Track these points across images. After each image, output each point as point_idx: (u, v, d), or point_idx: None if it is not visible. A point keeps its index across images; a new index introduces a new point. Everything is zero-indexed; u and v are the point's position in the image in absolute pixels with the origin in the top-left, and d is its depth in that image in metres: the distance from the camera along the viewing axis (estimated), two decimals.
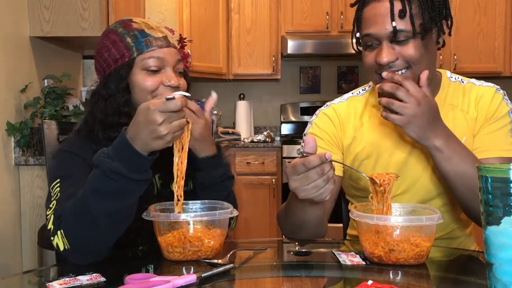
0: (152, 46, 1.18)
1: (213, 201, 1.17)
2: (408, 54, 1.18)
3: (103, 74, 1.21)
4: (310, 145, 1.01)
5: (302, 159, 0.99)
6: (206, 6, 3.79)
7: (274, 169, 3.69)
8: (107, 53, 1.19)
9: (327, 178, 1.00)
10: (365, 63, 1.25)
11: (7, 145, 2.27)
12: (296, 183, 1.01)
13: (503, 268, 0.72)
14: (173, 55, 1.20)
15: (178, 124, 0.97)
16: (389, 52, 1.18)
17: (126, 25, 1.21)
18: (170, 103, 0.95)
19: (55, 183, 1.11)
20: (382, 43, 1.19)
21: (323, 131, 1.37)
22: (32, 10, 2.38)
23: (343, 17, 3.94)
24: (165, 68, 1.19)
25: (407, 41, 1.17)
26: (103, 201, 0.98)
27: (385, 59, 1.17)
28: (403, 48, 1.18)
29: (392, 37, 1.17)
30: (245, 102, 4.17)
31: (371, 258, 1.03)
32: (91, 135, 1.19)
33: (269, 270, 1.06)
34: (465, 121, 1.28)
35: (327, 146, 1.35)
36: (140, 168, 0.98)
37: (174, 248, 1.04)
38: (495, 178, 0.72)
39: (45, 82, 2.47)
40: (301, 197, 1.02)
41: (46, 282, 0.91)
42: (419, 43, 1.18)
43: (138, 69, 1.18)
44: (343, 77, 4.40)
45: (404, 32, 1.16)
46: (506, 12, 3.85)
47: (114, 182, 0.97)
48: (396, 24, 1.16)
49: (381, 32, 1.18)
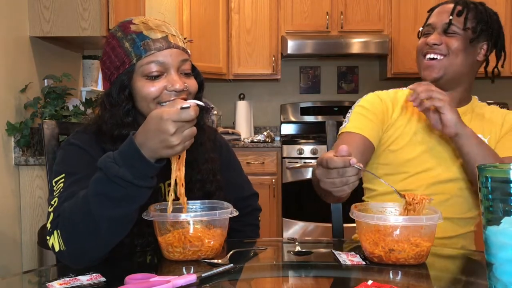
0: (150, 49, 1.11)
1: (213, 201, 1.17)
2: (451, 43, 1.38)
3: (109, 82, 1.17)
4: (342, 153, 0.99)
5: (328, 157, 1.00)
6: (206, 6, 3.79)
7: (274, 169, 3.69)
8: (109, 60, 1.15)
9: (346, 181, 1.00)
10: (417, 47, 1.45)
11: (7, 145, 2.27)
12: (319, 171, 1.05)
13: (503, 268, 0.72)
14: (175, 56, 1.13)
15: (189, 133, 0.95)
16: (437, 37, 1.39)
17: (125, 28, 1.15)
18: (184, 113, 0.92)
19: (59, 178, 1.08)
20: (435, 31, 1.41)
21: (371, 104, 1.47)
22: (32, 10, 2.38)
23: (343, 17, 3.94)
24: (168, 71, 1.13)
25: (454, 35, 1.39)
26: (106, 206, 0.95)
27: (432, 40, 1.39)
28: (449, 39, 1.39)
29: (445, 27, 1.39)
30: (245, 102, 4.16)
31: (371, 258, 1.03)
32: (101, 134, 1.15)
33: (269, 270, 1.06)
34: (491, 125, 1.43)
35: (372, 116, 1.44)
36: (146, 175, 0.96)
37: (174, 248, 1.04)
38: (495, 178, 0.72)
39: (45, 82, 2.47)
40: (321, 185, 1.05)
41: (46, 282, 0.91)
42: (462, 41, 1.38)
43: (139, 76, 1.12)
44: (343, 77, 4.40)
45: (455, 27, 1.38)
46: (506, 12, 3.85)
47: (120, 188, 0.94)
48: (452, 18, 1.38)
49: (438, 22, 1.41)
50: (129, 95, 1.14)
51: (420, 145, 1.42)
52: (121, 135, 1.12)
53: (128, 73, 1.13)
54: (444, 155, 1.41)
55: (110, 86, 1.16)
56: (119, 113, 1.13)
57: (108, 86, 1.18)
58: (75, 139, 1.15)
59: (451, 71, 1.39)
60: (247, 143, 3.73)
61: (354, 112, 1.48)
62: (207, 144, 1.28)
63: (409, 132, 1.44)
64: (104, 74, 1.19)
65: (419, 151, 1.41)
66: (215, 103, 4.06)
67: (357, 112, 1.47)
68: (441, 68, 1.38)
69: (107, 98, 1.15)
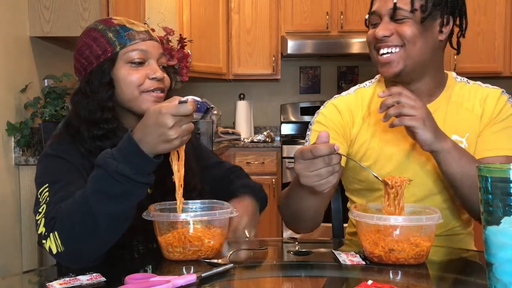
0: (135, 39, 1.18)
1: (213, 200, 1.17)
2: (403, 31, 1.22)
3: (85, 73, 1.20)
4: (323, 139, 0.97)
5: (311, 146, 0.97)
6: (206, 6, 3.79)
7: (274, 169, 3.69)
8: (88, 50, 1.19)
9: (332, 170, 0.97)
10: (367, 39, 1.31)
11: (7, 145, 2.27)
12: (300, 166, 0.99)
13: (503, 268, 0.72)
14: (156, 48, 1.21)
15: (187, 128, 0.96)
16: (385, 27, 1.23)
17: (107, 22, 1.21)
18: (182, 107, 0.94)
19: (43, 188, 1.09)
20: (383, 19, 1.24)
21: (329, 120, 1.36)
22: (32, 10, 2.38)
23: (343, 17, 3.94)
24: (149, 60, 1.19)
25: (404, 20, 1.22)
26: (105, 203, 0.96)
27: (380, 32, 1.23)
28: (400, 25, 1.22)
29: (392, 13, 1.22)
30: (245, 102, 4.17)
31: (371, 258, 1.03)
32: (76, 137, 1.17)
33: (269, 270, 1.06)
34: (469, 118, 1.29)
35: (332, 135, 1.30)
36: (145, 171, 0.97)
37: (174, 248, 1.04)
38: (495, 178, 0.72)
39: (45, 82, 2.47)
40: (302, 182, 1.00)
41: (46, 282, 0.91)
42: (416, 24, 1.21)
43: (122, 62, 1.18)
44: (343, 77, 4.40)
45: (402, 10, 1.21)
46: (506, 12, 3.85)
47: (119, 184, 0.95)
48: (396, 1, 1.21)
49: (382, 8, 1.24)
50: (110, 82, 1.18)
51: (389, 162, 1.30)
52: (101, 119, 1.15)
53: (109, 61, 1.17)
54: (417, 171, 1.28)
55: (89, 75, 1.19)
56: (100, 98, 1.17)
57: (83, 76, 1.21)
58: (51, 150, 1.17)
59: (412, 62, 1.23)
60: (247, 143, 3.73)
61: (313, 130, 1.38)
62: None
63: (374, 147, 1.32)
64: (80, 65, 1.21)
65: (389, 170, 1.29)
66: (215, 103, 4.05)
67: (316, 131, 1.36)
68: (399, 61, 1.23)
69: (87, 85, 1.18)
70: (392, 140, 1.31)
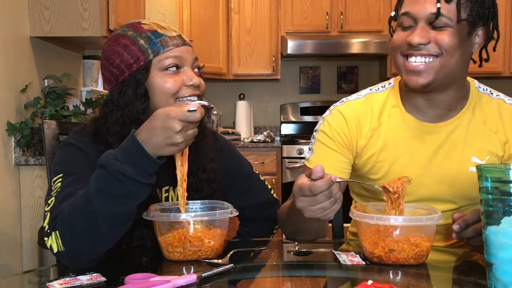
0: (168, 46, 1.12)
1: (213, 201, 1.17)
2: (442, 40, 1.09)
3: (116, 83, 1.15)
4: (318, 174, 0.94)
5: (309, 184, 0.95)
6: (206, 6, 3.79)
7: (274, 169, 3.69)
8: (119, 58, 1.13)
9: (335, 200, 0.97)
10: (393, 42, 1.16)
11: (7, 145, 2.27)
12: (302, 203, 0.97)
13: (503, 268, 0.72)
14: (190, 53, 1.16)
15: (192, 133, 0.97)
16: (423, 33, 1.09)
17: (136, 28, 1.15)
18: (190, 115, 0.94)
19: (57, 178, 1.08)
20: (418, 24, 1.11)
21: (334, 131, 1.27)
22: (32, 10, 2.38)
23: (343, 17, 3.94)
24: (184, 67, 1.14)
25: (444, 28, 1.09)
26: (107, 203, 0.95)
27: (417, 39, 1.09)
28: (439, 33, 1.10)
29: (432, 19, 1.09)
30: (245, 102, 4.16)
31: (371, 258, 1.03)
32: (99, 136, 1.15)
33: (269, 270, 1.06)
34: (492, 140, 1.21)
35: (337, 147, 1.27)
36: (148, 172, 0.96)
37: (174, 248, 1.04)
38: (495, 178, 0.72)
39: (45, 82, 2.47)
40: (306, 216, 0.98)
41: (46, 282, 0.91)
42: (456, 34, 1.10)
43: (156, 71, 1.12)
44: (343, 77, 4.40)
45: (445, 18, 1.08)
46: (506, 12, 3.85)
47: (121, 184, 0.94)
48: (440, 7, 1.07)
49: (420, 12, 1.10)
50: (145, 93, 1.13)
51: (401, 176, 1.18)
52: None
53: (142, 70, 1.12)
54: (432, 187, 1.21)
55: (120, 85, 1.13)
56: (135, 110, 1.12)
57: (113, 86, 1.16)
58: (73, 140, 1.15)
59: (443, 74, 1.12)
60: (247, 143, 3.73)
61: (317, 140, 1.30)
62: (210, 143, 1.29)
63: (384, 161, 1.23)
64: (110, 74, 1.15)
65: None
66: (215, 103, 4.06)
67: (320, 141, 1.29)
68: (430, 72, 1.12)
69: (120, 97, 1.13)
70: (405, 153, 1.23)
